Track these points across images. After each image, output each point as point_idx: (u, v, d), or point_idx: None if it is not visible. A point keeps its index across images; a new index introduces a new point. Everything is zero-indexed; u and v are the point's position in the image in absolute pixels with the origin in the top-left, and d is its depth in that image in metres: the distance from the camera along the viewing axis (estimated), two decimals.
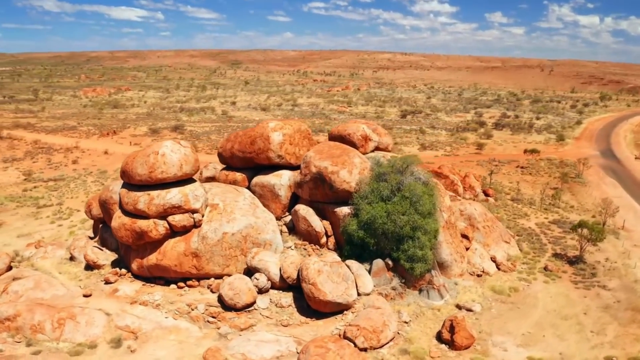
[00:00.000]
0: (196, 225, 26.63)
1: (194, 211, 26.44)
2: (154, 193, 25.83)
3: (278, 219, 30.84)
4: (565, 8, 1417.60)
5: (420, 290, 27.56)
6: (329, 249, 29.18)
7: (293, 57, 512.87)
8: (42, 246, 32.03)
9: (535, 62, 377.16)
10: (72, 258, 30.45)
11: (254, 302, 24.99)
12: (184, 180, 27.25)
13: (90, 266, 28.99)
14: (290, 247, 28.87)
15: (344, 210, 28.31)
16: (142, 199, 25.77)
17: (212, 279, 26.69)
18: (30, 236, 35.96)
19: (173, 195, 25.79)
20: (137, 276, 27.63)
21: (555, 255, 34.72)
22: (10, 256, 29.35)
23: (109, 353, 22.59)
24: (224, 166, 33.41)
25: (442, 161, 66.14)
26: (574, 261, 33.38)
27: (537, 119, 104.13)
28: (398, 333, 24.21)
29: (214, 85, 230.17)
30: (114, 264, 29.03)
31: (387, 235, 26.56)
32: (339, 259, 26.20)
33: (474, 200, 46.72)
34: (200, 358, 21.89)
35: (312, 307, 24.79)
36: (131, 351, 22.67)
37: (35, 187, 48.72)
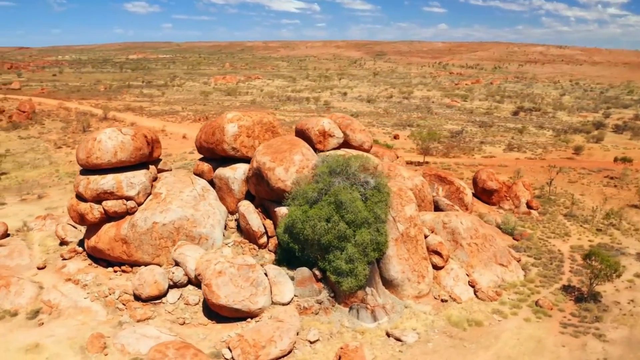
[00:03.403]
0: (129, 212, 27.00)
1: (127, 198, 26.82)
2: (92, 178, 26.74)
3: (232, 213, 29.92)
4: None
5: (351, 309, 24.56)
6: (269, 250, 27.47)
7: (439, 49, 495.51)
8: (44, 219, 35.35)
9: None
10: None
11: (161, 295, 24.55)
12: (132, 167, 27.77)
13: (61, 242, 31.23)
14: (229, 244, 27.82)
15: (282, 210, 26.34)
16: (82, 183, 26.85)
17: (143, 266, 26.86)
18: (55, 209, 39.94)
19: (106, 181, 26.41)
20: (90, 255, 28.99)
21: (566, 287, 28.42)
22: (6, 225, 32.83)
23: (21, 322, 24.05)
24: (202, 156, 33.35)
25: (522, 164, 58.66)
26: (584, 298, 26.95)
27: None
28: (293, 352, 21.89)
29: (341, 76, 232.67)
30: (81, 242, 30.82)
31: (309, 243, 24.08)
32: (253, 261, 24.46)
33: (513, 211, 40.52)
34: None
35: (211, 309, 23.59)
36: (39, 324, 23.87)
37: None
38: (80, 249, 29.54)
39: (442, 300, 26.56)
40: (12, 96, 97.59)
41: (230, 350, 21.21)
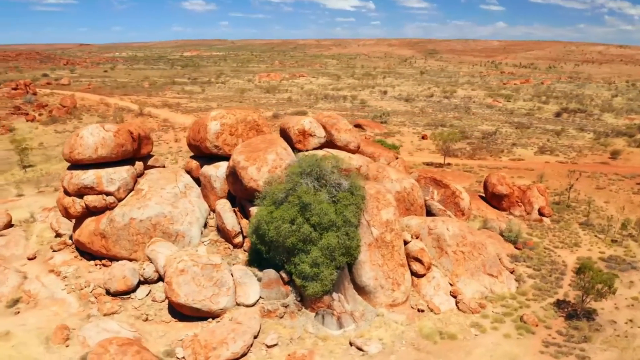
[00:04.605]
0: (109, 207, 27.43)
1: (107, 193, 27.25)
2: (74, 172, 27.37)
3: (215, 211, 29.79)
4: None
5: (317, 314, 23.84)
6: (244, 250, 27.16)
7: (494, 47, 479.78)
8: (49, 211, 36.66)
9: None
10: None
11: (129, 291, 24.76)
12: (116, 162, 28.21)
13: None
14: (205, 242, 27.72)
15: (254, 210, 25.94)
16: (66, 177, 27.54)
17: (120, 261, 27.24)
18: None
19: (87, 176, 26.95)
20: (77, 248, 29.74)
21: (560, 302, 26.45)
22: (9, 216, 34.25)
23: (0, 310, 25.08)
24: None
25: (551, 168, 55.59)
26: (576, 315, 24.94)
27: None
28: (247, 355, 21.47)
29: (387, 74, 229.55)
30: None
31: (274, 244, 23.56)
32: (218, 261, 24.19)
33: (524, 218, 38.34)
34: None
35: (173, 307, 23.56)
36: (15, 313, 24.71)
37: None
38: (70, 241, 30.35)
39: (419, 310, 25.33)
40: (58, 91, 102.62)
41: (183, 349, 21.13)
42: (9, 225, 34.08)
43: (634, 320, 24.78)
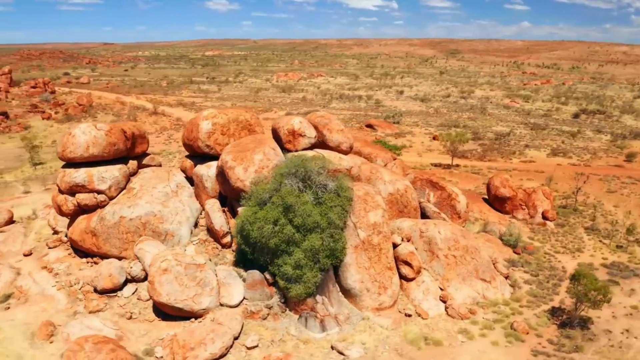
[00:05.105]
0: (100, 205, 27.65)
1: (98, 192, 27.46)
2: (67, 171, 27.66)
3: None
4: None
5: (300, 317, 23.59)
6: (233, 250, 27.04)
7: (517, 47, 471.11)
8: (50, 208, 37.17)
9: None
10: None
11: (116, 289, 24.89)
12: (109, 161, 28.41)
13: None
14: (194, 242, 27.70)
15: (241, 210, 25.81)
16: (59, 176, 27.86)
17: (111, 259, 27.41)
18: None
19: (79, 175, 27.20)
20: (72, 246, 30.05)
21: (555, 310, 25.66)
22: (11, 213, 34.90)
23: None
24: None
25: (562, 170, 54.20)
26: (570, 323, 24.12)
27: None
28: (227, 356, 21.35)
29: (405, 74, 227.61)
30: None
31: (258, 245, 23.37)
32: (202, 261, 24.11)
33: (527, 222, 37.42)
34: None
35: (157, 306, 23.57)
36: (5, 308, 25.11)
37: None
38: (66, 239, 30.71)
39: (407, 315, 24.84)
40: (77, 90, 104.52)
41: (162, 349, 21.13)
42: (10, 221, 34.70)
43: (630, 330, 23.85)
